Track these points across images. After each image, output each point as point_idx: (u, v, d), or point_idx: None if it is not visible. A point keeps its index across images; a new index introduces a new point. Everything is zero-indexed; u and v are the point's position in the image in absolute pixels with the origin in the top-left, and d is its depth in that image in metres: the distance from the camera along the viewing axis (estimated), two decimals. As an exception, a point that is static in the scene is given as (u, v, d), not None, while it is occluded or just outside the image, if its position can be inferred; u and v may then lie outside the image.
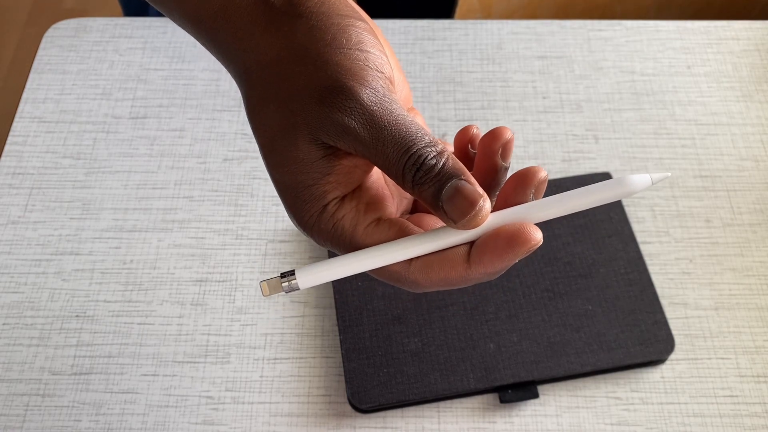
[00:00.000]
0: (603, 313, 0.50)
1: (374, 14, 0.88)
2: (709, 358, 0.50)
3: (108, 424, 0.48)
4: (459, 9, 0.88)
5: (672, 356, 0.50)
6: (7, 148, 0.60)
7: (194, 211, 0.56)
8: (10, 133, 0.61)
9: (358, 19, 0.29)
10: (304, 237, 0.55)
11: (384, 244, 0.29)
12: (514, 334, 0.50)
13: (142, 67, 0.64)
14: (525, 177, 0.29)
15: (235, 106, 0.62)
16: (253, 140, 0.60)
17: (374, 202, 0.30)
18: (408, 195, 0.34)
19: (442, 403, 0.49)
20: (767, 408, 0.49)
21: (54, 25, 0.67)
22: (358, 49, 0.28)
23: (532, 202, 0.29)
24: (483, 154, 0.30)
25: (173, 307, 0.52)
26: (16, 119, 0.61)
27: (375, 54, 0.29)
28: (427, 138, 0.28)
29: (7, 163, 0.59)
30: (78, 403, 0.49)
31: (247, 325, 0.52)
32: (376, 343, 0.49)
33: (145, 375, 0.50)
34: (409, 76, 0.63)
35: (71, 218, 0.56)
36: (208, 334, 0.51)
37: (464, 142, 0.32)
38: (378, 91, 0.28)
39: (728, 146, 0.60)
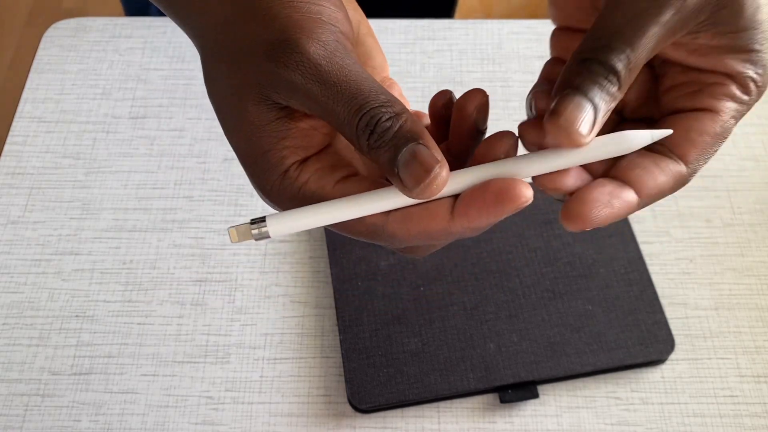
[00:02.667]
0: (603, 313, 0.50)
1: (375, 14, 0.88)
2: (710, 358, 0.50)
3: (108, 424, 0.48)
4: (459, 9, 0.88)
5: (672, 356, 0.50)
6: (6, 147, 0.60)
7: (194, 211, 0.56)
8: (10, 133, 0.60)
9: None
10: (303, 238, 0.55)
11: (363, 194, 0.27)
12: (514, 334, 0.50)
13: (141, 66, 0.64)
14: (493, 143, 0.27)
15: (235, 106, 0.62)
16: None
17: (339, 164, 0.28)
18: None
19: (442, 403, 0.49)
20: (767, 408, 0.49)
21: (54, 25, 0.67)
22: (309, 2, 0.27)
23: (522, 155, 0.27)
24: (458, 117, 0.29)
25: (173, 307, 0.52)
26: (15, 119, 0.61)
27: (330, 8, 0.27)
28: (382, 96, 0.26)
29: (7, 163, 0.59)
30: (78, 403, 0.49)
31: (246, 325, 0.52)
32: (376, 343, 0.49)
33: (145, 375, 0.50)
34: (409, 75, 0.63)
35: (71, 218, 0.56)
36: (208, 334, 0.51)
37: (438, 106, 0.30)
38: (328, 45, 0.26)
39: (728, 146, 0.60)
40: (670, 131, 0.27)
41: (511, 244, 0.53)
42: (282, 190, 0.28)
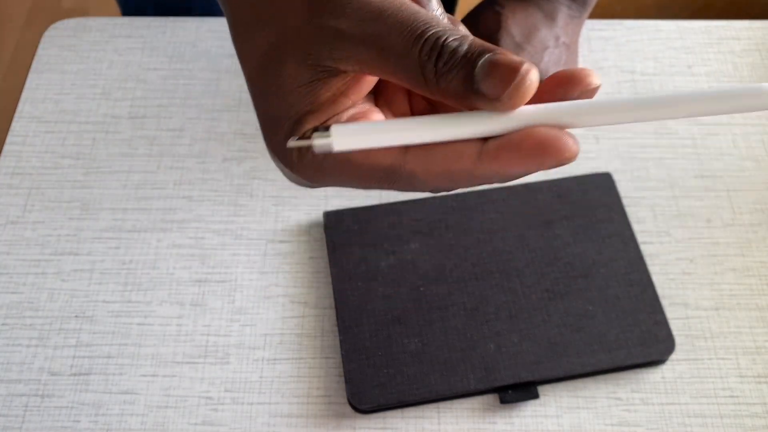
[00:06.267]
0: (603, 313, 0.50)
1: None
2: (710, 359, 0.50)
3: (107, 424, 0.48)
4: (459, 9, 0.87)
5: (672, 356, 0.50)
6: (6, 148, 0.60)
7: (194, 211, 0.56)
8: (9, 133, 0.60)
9: None
10: (303, 238, 0.55)
11: (436, 117, 0.24)
12: (515, 334, 0.50)
13: (141, 66, 0.64)
14: (570, 79, 0.24)
15: (234, 106, 0.62)
16: (253, 140, 0.60)
17: (355, 118, 0.26)
18: None
19: (442, 404, 0.49)
20: (768, 408, 0.49)
21: (53, 25, 0.66)
22: None
23: (591, 99, 0.24)
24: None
25: (172, 307, 0.52)
26: (15, 119, 0.61)
27: None
28: (444, 22, 0.24)
29: (6, 163, 0.59)
30: (77, 404, 0.49)
31: (246, 325, 0.52)
32: (376, 343, 0.49)
33: (145, 375, 0.50)
34: (409, 75, 0.63)
35: (70, 218, 0.56)
36: (208, 335, 0.51)
37: None
38: None
39: (729, 146, 0.60)
40: None
41: (511, 245, 0.53)
42: (290, 157, 0.26)
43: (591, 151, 0.59)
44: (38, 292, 0.53)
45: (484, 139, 0.24)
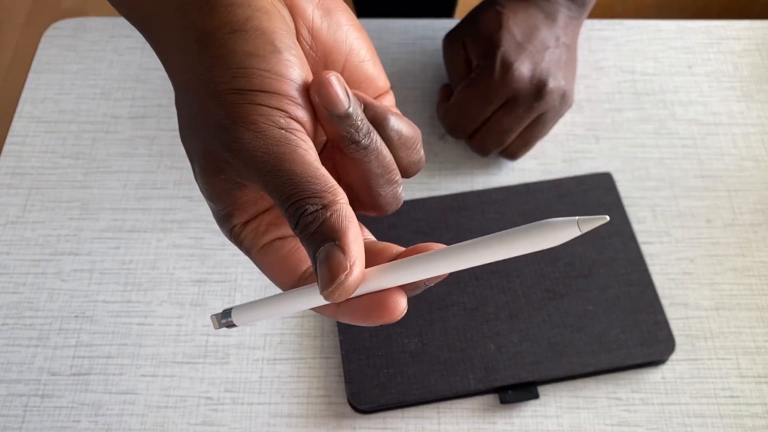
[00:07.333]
0: (604, 313, 0.50)
1: (374, 14, 0.88)
2: (710, 359, 0.50)
3: (107, 424, 0.48)
4: (459, 8, 0.88)
5: (673, 357, 0.50)
6: (6, 147, 0.59)
7: (193, 211, 0.56)
8: (9, 132, 0.60)
9: (271, 52, 0.27)
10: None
11: (306, 288, 0.29)
12: (515, 334, 0.49)
13: (141, 66, 0.64)
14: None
15: (235, 106, 0.62)
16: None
17: (275, 224, 0.31)
18: None
19: (442, 404, 0.49)
20: (768, 409, 0.48)
21: (53, 25, 0.66)
22: (259, 90, 0.27)
23: (425, 254, 0.27)
24: (314, 106, 0.29)
25: (172, 307, 0.52)
26: (15, 119, 0.61)
27: (280, 91, 0.27)
28: (315, 186, 0.26)
29: (6, 163, 0.59)
30: (77, 404, 0.49)
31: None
32: (376, 343, 0.49)
33: (144, 375, 0.50)
34: (409, 75, 0.63)
35: (70, 218, 0.56)
36: (208, 335, 0.51)
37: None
38: (266, 133, 0.27)
39: (729, 146, 0.60)
40: (604, 218, 0.25)
41: (511, 245, 0.53)
42: (231, 240, 0.31)
43: (591, 151, 0.59)
44: (38, 292, 0.53)
45: None
